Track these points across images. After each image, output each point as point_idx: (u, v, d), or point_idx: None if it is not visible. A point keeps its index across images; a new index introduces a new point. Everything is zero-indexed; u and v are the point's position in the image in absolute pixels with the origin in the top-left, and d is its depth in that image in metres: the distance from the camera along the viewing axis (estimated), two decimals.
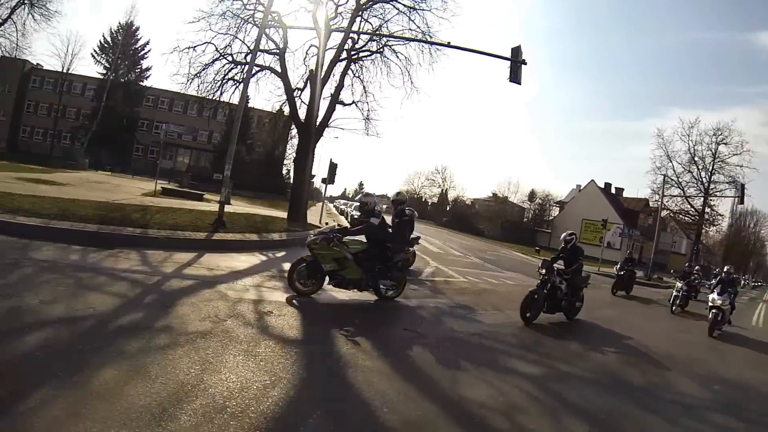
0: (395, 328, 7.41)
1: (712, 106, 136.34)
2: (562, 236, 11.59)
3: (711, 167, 47.12)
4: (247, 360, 4.98)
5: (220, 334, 5.63)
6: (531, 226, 73.32)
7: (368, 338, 6.56)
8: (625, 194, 68.20)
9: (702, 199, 47.75)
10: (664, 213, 49.31)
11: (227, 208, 16.27)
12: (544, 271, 10.25)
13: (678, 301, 17.10)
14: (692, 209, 49.61)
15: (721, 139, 46.47)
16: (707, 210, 48.76)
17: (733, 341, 13.06)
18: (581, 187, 69.49)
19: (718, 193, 47.62)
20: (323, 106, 22.25)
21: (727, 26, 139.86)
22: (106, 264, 8.31)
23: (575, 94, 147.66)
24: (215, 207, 16.43)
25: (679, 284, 17.58)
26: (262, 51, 20.66)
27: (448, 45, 20.00)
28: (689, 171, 48.01)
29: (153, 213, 14.77)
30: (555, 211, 76.16)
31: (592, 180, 66.31)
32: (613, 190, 68.16)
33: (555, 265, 10.84)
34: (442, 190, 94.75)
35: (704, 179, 47.42)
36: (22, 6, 25.49)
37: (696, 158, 47.65)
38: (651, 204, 56.21)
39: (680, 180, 48.20)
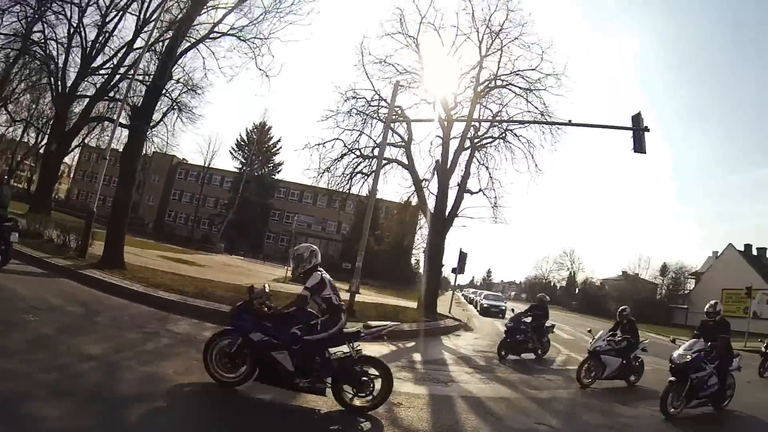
0: (528, 422, 7.22)
1: None
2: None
3: None
4: None
5: (353, 423, 5.81)
6: (665, 302, 68.89)
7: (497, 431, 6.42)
8: None
9: None
10: None
11: (357, 297, 16.70)
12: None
13: None
14: None
15: None
16: None
17: None
18: (718, 254, 64.36)
19: None
20: (451, 195, 22.65)
21: None
22: None
23: (705, 150, 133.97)
24: (344, 296, 16.88)
25: None
26: (389, 144, 21.48)
27: (569, 123, 19.65)
28: None
29: (283, 299, 15.45)
30: (690, 284, 71.24)
31: (730, 244, 61.31)
32: (754, 252, 61.34)
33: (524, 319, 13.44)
34: (571, 272, 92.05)
35: None
36: (172, 111, 29.28)
37: None
38: None
39: None
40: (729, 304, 51.91)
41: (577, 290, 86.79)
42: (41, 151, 44.62)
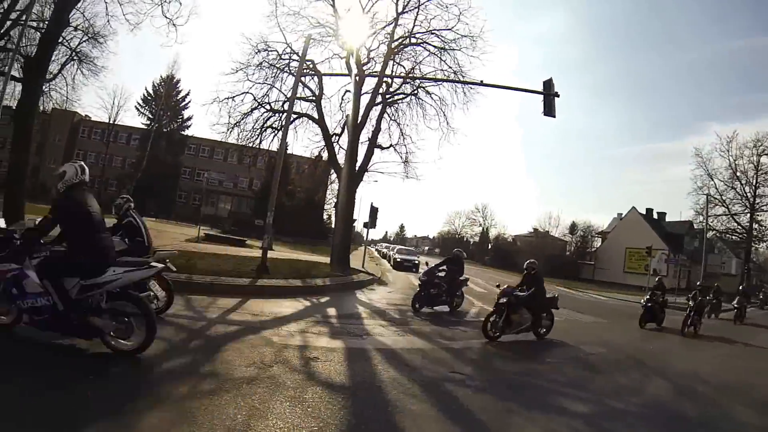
0: (443, 371, 7.27)
1: (749, 116, 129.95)
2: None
3: (755, 181, 45.05)
4: (294, 406, 4.92)
5: (267, 379, 5.61)
6: (574, 259, 72.02)
7: (416, 382, 6.43)
8: (668, 218, 65.92)
9: (749, 215, 45.87)
10: (709, 234, 47.36)
11: (270, 254, 16.42)
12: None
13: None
14: (739, 227, 47.48)
15: (761, 150, 44.46)
16: (755, 226, 46.69)
17: None
18: (622, 216, 68.27)
19: (765, 207, 45.67)
20: (361, 150, 22.53)
21: (751, 31, 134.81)
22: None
23: (609, 121, 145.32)
24: (257, 253, 16.63)
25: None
26: (299, 99, 21.17)
27: (481, 83, 20.13)
28: (732, 187, 46.06)
29: (197, 259, 14.99)
30: (597, 242, 74.80)
31: (633, 207, 65.22)
32: (655, 216, 66.08)
33: (437, 272, 14.07)
34: (483, 228, 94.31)
35: (749, 194, 45.32)
36: (72, 62, 26.70)
37: (738, 173, 45.64)
38: (695, 226, 54.31)
39: (724, 198, 46.41)
40: (632, 261, 55.80)
41: (489, 245, 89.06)
42: None
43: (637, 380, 8.68)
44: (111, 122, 60.27)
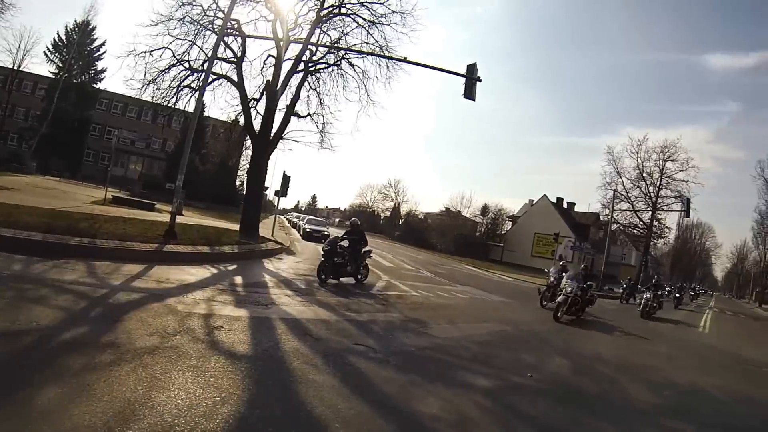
0: (346, 343, 7.38)
1: (662, 124, 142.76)
2: (349, 222, 14.59)
3: (659, 183, 49.83)
4: (196, 376, 4.89)
5: (169, 349, 5.53)
6: (483, 240, 74.07)
7: (319, 353, 6.52)
8: (577, 208, 69.71)
9: (650, 212, 49.96)
10: (614, 227, 51.30)
11: (179, 219, 16.06)
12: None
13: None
14: (641, 223, 52.21)
15: (668, 156, 49.20)
16: (655, 223, 51.16)
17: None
18: (534, 202, 71.02)
19: (665, 207, 50.33)
20: (278, 117, 22.10)
21: (677, 48, 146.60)
22: (51, 275, 8.10)
23: (530, 112, 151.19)
24: (167, 217, 16.20)
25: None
26: (220, 59, 20.47)
27: (405, 60, 20.25)
28: (638, 186, 50.56)
29: (102, 222, 14.45)
30: (508, 226, 77.15)
31: (545, 195, 68.00)
32: (565, 205, 69.66)
33: (340, 243, 14.22)
34: (395, 204, 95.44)
35: (652, 194, 49.91)
36: None
37: (644, 174, 50.29)
38: (602, 218, 57.94)
39: (629, 195, 50.84)
40: (540, 246, 58.27)
41: (400, 221, 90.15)
42: None
43: (539, 357, 9.11)
44: (15, 68, 54.91)
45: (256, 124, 22.06)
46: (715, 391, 9.08)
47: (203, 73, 19.71)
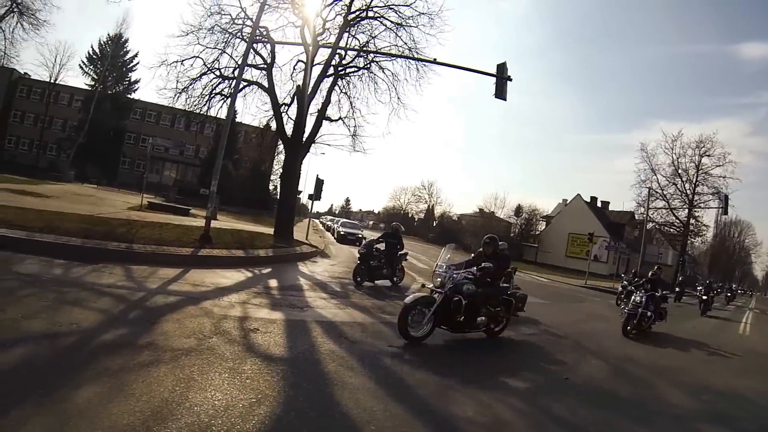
0: (382, 345, 7.34)
1: (696, 118, 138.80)
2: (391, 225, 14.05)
3: (695, 179, 48.18)
4: (232, 378, 4.92)
5: (206, 351, 5.58)
6: (517, 240, 73.34)
7: (354, 355, 6.50)
8: (611, 207, 68.09)
9: (687, 210, 48.49)
10: (649, 225, 49.93)
11: (213, 224, 16.21)
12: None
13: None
14: (677, 221, 50.51)
15: (704, 151, 47.66)
16: (692, 221, 49.65)
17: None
18: (567, 201, 69.95)
19: (702, 205, 48.76)
20: (310, 121, 22.33)
21: (710, 38, 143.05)
22: (90, 279, 8.29)
23: (563, 109, 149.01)
24: (201, 222, 16.38)
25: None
26: (250, 66, 20.78)
27: (434, 61, 20.22)
28: (673, 183, 49.12)
29: (138, 227, 14.70)
30: (542, 226, 76.35)
31: (578, 194, 66.87)
32: (599, 204, 68.16)
33: (376, 245, 14.30)
34: (429, 205, 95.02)
35: (688, 191, 48.40)
36: (11, 14, 25.38)
37: (680, 171, 48.85)
38: (637, 217, 56.80)
39: (665, 192, 49.38)
40: (574, 246, 57.35)
41: (434, 223, 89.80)
42: None
43: (577, 360, 8.93)
44: (52, 81, 57.36)
45: (288, 128, 22.32)
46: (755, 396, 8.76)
47: (234, 80, 20.03)
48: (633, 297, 13.56)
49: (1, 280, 7.28)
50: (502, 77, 17.81)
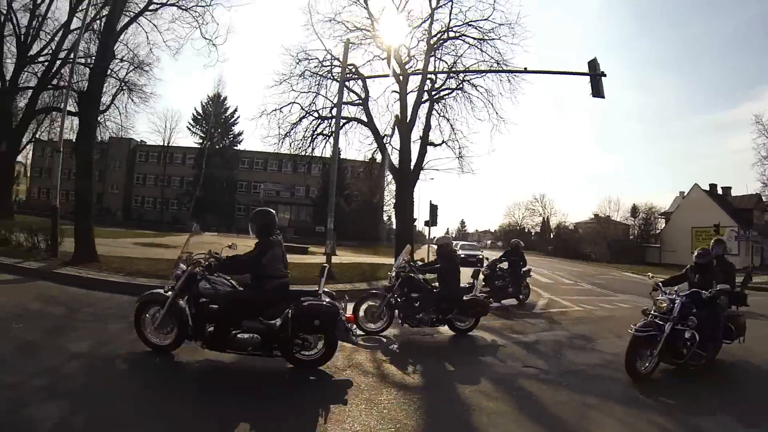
0: (516, 366, 7.20)
1: None
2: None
3: None
4: (370, 408, 4.98)
5: (340, 383, 5.73)
6: (638, 242, 69.89)
7: (489, 378, 6.39)
8: (734, 192, 61.99)
9: None
10: None
11: (333, 259, 16.61)
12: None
13: None
14: None
15: None
16: None
17: None
18: (685, 194, 65.51)
19: None
20: (414, 149, 22.31)
21: None
22: None
23: (661, 96, 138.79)
24: (321, 259, 16.82)
25: None
26: (346, 103, 21.28)
27: (525, 71, 19.87)
28: None
29: None
30: (661, 224, 72.37)
31: (696, 184, 62.02)
32: (719, 191, 62.04)
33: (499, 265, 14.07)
34: (544, 218, 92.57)
35: None
36: (122, 92, 28.17)
37: None
38: (764, 199, 51.19)
39: None
40: (699, 241, 52.60)
41: (551, 235, 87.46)
42: None
43: (727, 373, 8.03)
44: (165, 144, 64.05)
45: (394, 158, 22.54)
46: None
47: (333, 119, 20.71)
48: (657, 299, 7.39)
49: None
50: (595, 74, 17.20)
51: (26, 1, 27.27)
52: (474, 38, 21.61)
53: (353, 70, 21.71)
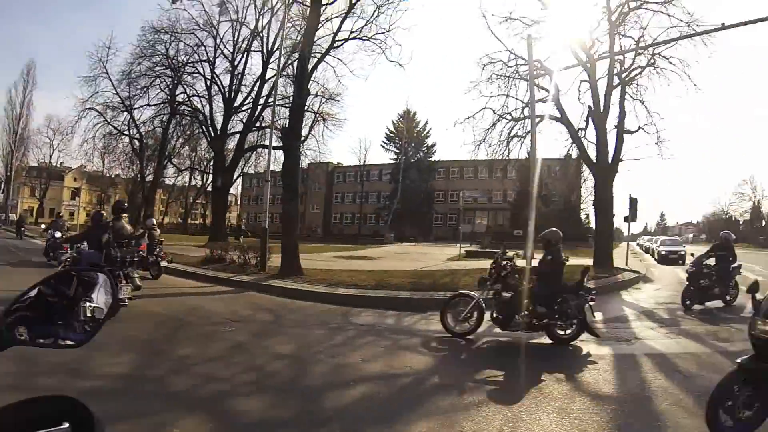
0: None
1: None
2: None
3: None
4: (561, 418, 4.76)
5: (534, 391, 5.55)
6: None
7: (689, 392, 5.63)
8: None
9: None
10: None
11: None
12: None
13: None
14: None
15: None
16: None
17: None
18: None
19: None
20: (610, 140, 20.97)
21: None
22: (420, 326, 9.13)
23: None
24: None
25: None
26: (537, 101, 20.55)
27: (722, 27, 16.74)
28: None
29: (461, 276, 15.47)
30: None
31: None
32: None
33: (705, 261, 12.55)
34: (754, 202, 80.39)
35: None
36: (318, 123, 32.67)
37: None
38: None
39: None
40: None
41: (763, 222, 76.20)
42: (209, 189, 54.45)
43: None
44: (362, 164, 69.41)
45: (590, 152, 21.51)
46: None
47: (526, 119, 20.60)
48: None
49: (344, 331, 8.63)
50: None
51: (226, 65, 35.99)
52: (656, 2, 19.68)
53: (539, 66, 21.05)
